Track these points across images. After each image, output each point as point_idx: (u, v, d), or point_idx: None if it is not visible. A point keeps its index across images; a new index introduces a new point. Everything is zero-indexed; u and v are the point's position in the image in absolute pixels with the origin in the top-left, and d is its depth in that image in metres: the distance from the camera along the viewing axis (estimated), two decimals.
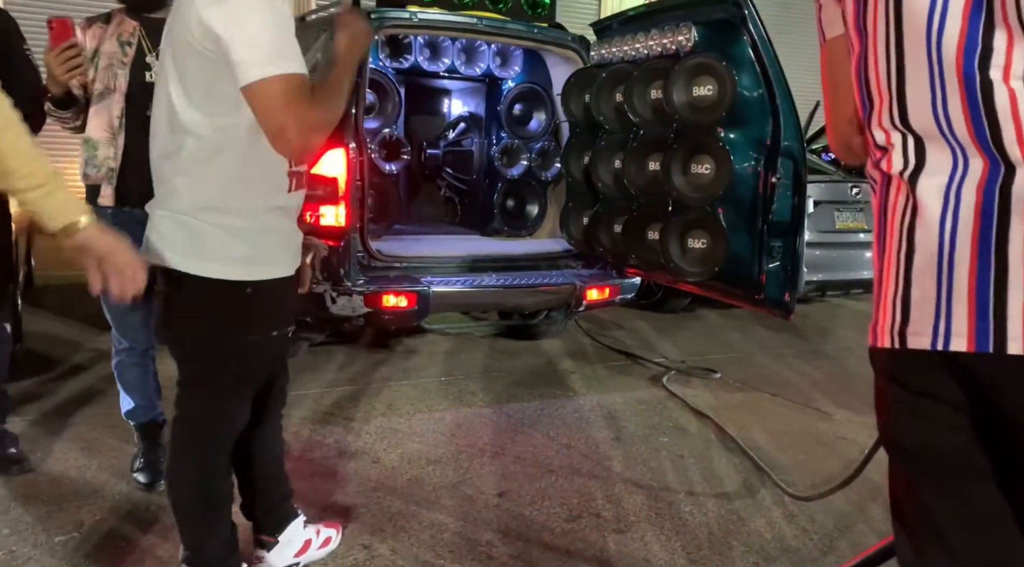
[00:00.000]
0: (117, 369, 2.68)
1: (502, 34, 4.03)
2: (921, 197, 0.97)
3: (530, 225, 4.59)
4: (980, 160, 0.93)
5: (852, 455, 3.18)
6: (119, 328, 2.61)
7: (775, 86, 2.78)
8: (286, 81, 1.49)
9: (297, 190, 1.78)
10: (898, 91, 0.98)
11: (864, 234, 5.76)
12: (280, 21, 1.54)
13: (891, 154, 1.01)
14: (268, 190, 1.70)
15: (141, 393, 2.68)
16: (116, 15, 2.52)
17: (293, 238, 1.84)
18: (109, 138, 2.46)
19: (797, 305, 2.96)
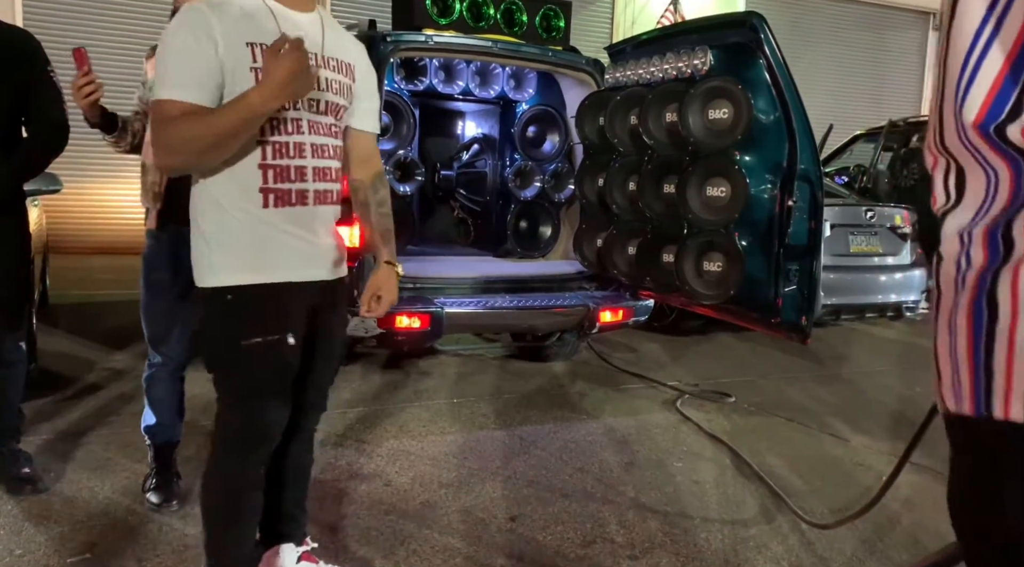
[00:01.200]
0: (147, 382, 2.70)
1: (517, 57, 4.05)
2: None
3: (543, 246, 4.59)
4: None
5: (869, 482, 3.14)
6: (154, 342, 2.65)
7: (791, 109, 2.79)
8: (164, 105, 1.66)
9: (282, 207, 1.76)
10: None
11: (878, 258, 5.73)
12: (188, 48, 1.65)
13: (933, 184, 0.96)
14: (239, 204, 1.75)
15: (165, 411, 2.69)
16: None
17: (287, 247, 1.80)
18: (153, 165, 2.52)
19: (812, 329, 2.94)
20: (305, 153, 1.78)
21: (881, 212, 5.81)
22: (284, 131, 1.76)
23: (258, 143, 1.74)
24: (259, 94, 1.63)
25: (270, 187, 1.75)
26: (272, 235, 1.78)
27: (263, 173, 1.75)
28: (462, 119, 5.22)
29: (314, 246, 1.85)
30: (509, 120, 4.78)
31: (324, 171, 1.83)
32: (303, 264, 1.84)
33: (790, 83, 2.80)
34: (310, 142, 1.79)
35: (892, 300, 5.71)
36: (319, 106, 1.81)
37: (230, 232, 1.77)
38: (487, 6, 4.00)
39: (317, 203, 1.82)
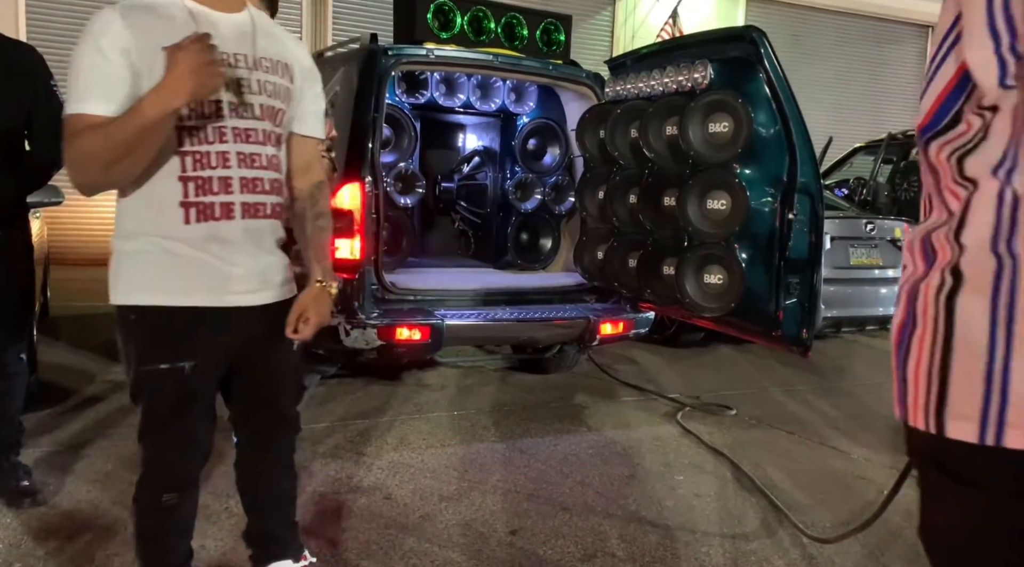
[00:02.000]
0: None
1: (517, 71, 4.08)
2: None
3: (543, 258, 4.59)
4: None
5: (871, 495, 3.13)
6: None
7: (791, 123, 2.80)
8: (71, 120, 1.56)
9: (203, 221, 1.64)
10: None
11: (878, 270, 5.73)
12: (92, 58, 1.56)
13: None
14: (155, 220, 1.65)
15: None
16: None
17: (204, 268, 1.67)
18: None
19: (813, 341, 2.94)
20: (230, 163, 1.64)
21: (881, 225, 5.82)
22: (205, 140, 1.63)
23: (177, 154, 1.62)
24: (153, 97, 1.50)
25: (191, 200, 1.63)
26: (189, 254, 1.65)
27: (183, 186, 1.62)
28: (463, 132, 5.24)
29: (241, 267, 1.70)
30: (510, 133, 4.80)
31: (255, 182, 1.68)
32: (224, 287, 1.70)
33: (790, 97, 2.81)
34: (236, 151, 1.65)
35: (892, 312, 5.69)
36: (251, 111, 1.67)
37: (142, 248, 1.66)
38: (488, 20, 4.02)
39: (246, 217, 1.67)
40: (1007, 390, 0.80)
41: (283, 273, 1.82)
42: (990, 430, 0.81)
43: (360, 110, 3.64)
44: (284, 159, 1.81)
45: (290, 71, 1.77)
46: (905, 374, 0.90)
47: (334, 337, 3.54)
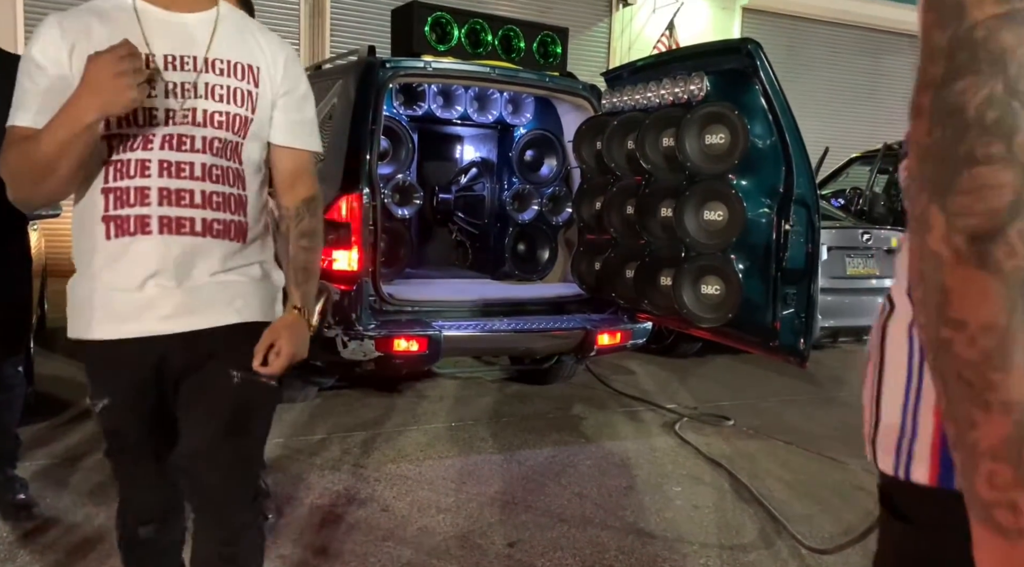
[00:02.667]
0: None
1: (515, 83, 4.09)
2: None
3: (541, 269, 4.60)
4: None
5: (869, 506, 3.12)
6: None
7: (787, 134, 2.81)
8: (8, 132, 1.44)
9: (120, 237, 1.45)
10: None
11: (875, 280, 5.75)
12: (28, 71, 1.44)
13: None
14: (85, 237, 1.50)
15: None
16: None
17: (115, 297, 1.47)
18: None
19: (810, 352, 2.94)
20: (149, 172, 1.44)
21: (877, 235, 5.84)
22: (129, 147, 1.45)
23: (103, 164, 1.45)
24: (63, 112, 1.36)
25: (110, 214, 1.45)
26: (111, 284, 1.46)
27: (104, 198, 1.45)
28: (460, 143, 5.26)
29: (159, 288, 1.47)
30: (507, 144, 4.81)
31: (180, 194, 1.46)
32: (139, 314, 1.47)
33: (786, 108, 2.83)
34: (159, 159, 1.44)
35: None
36: (190, 117, 1.47)
37: (77, 271, 1.53)
38: (485, 33, 4.04)
39: (166, 232, 1.45)
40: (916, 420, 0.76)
41: (229, 292, 1.55)
42: (901, 463, 0.78)
43: (357, 122, 3.65)
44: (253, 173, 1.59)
45: (255, 75, 1.56)
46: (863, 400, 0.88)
47: (332, 349, 3.54)
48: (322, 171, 3.86)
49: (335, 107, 3.93)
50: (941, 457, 0.74)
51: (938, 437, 0.74)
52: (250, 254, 1.58)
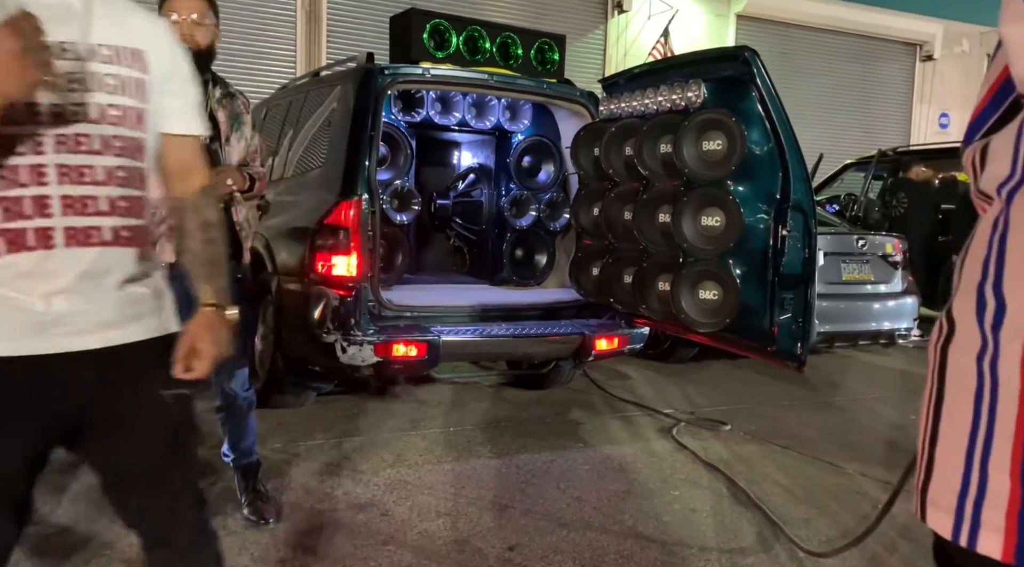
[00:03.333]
0: None
1: (513, 89, 4.12)
2: None
3: (539, 275, 4.62)
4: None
5: (865, 509, 3.14)
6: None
7: (784, 141, 2.83)
8: None
9: (15, 253, 1.28)
10: None
11: (870, 285, 5.78)
12: None
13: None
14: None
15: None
16: None
17: (14, 315, 1.30)
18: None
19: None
20: (47, 178, 1.29)
21: (872, 240, 5.88)
22: (15, 152, 1.28)
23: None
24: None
25: (2, 228, 1.28)
26: (4, 294, 1.29)
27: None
28: (458, 149, 5.28)
29: (65, 304, 1.32)
30: (505, 150, 4.84)
31: (85, 202, 1.32)
32: (36, 332, 1.31)
33: (783, 115, 2.85)
34: (56, 163, 1.29)
35: (885, 327, 5.76)
36: (83, 113, 1.32)
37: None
38: (483, 40, 4.07)
39: (72, 245, 1.32)
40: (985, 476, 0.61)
41: (137, 306, 1.43)
42: (964, 528, 0.64)
43: (356, 129, 3.68)
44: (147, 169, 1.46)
45: (143, 59, 1.40)
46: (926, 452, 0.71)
47: (331, 354, 3.55)
48: (320, 177, 3.89)
49: (334, 113, 3.95)
50: (1020, 527, 0.59)
51: (1018, 502, 0.59)
52: (152, 262, 1.48)
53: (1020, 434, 0.58)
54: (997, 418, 0.59)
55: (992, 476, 0.60)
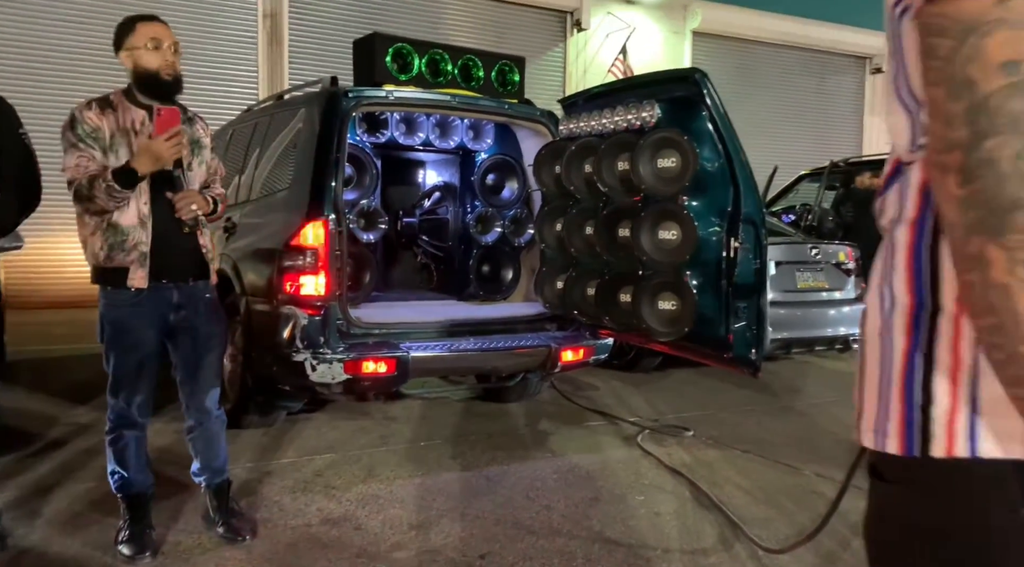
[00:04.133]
0: (112, 437, 2.72)
1: (475, 110, 4.23)
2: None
3: (505, 289, 4.72)
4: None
5: (822, 509, 3.24)
6: (127, 400, 2.66)
7: (734, 158, 2.97)
8: None
9: None
10: None
11: (825, 293, 5.98)
12: None
13: None
14: None
15: (135, 463, 2.72)
16: (118, 101, 2.62)
17: None
18: (138, 224, 2.56)
19: (764, 363, 3.09)
20: None
21: (826, 249, 6.08)
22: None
23: None
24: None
25: None
26: None
27: None
28: (423, 168, 5.37)
29: None
30: (469, 169, 4.94)
31: None
32: None
33: (732, 133, 2.99)
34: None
35: (840, 333, 5.95)
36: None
37: None
38: (445, 62, 4.17)
39: None
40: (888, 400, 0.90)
41: None
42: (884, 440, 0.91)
43: (322, 151, 3.75)
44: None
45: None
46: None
47: (301, 372, 3.60)
48: (287, 198, 3.96)
49: (299, 135, 4.02)
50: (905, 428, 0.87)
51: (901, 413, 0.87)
52: None
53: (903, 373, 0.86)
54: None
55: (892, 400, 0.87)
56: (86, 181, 2.47)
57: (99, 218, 2.56)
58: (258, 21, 9.50)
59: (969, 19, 0.68)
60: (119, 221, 2.55)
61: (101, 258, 2.58)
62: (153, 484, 2.81)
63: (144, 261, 2.57)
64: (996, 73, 0.67)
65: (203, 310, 2.73)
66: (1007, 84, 0.67)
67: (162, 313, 2.63)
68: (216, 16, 9.09)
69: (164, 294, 2.62)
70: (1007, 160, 0.67)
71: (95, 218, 2.57)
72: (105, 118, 2.55)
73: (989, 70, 0.67)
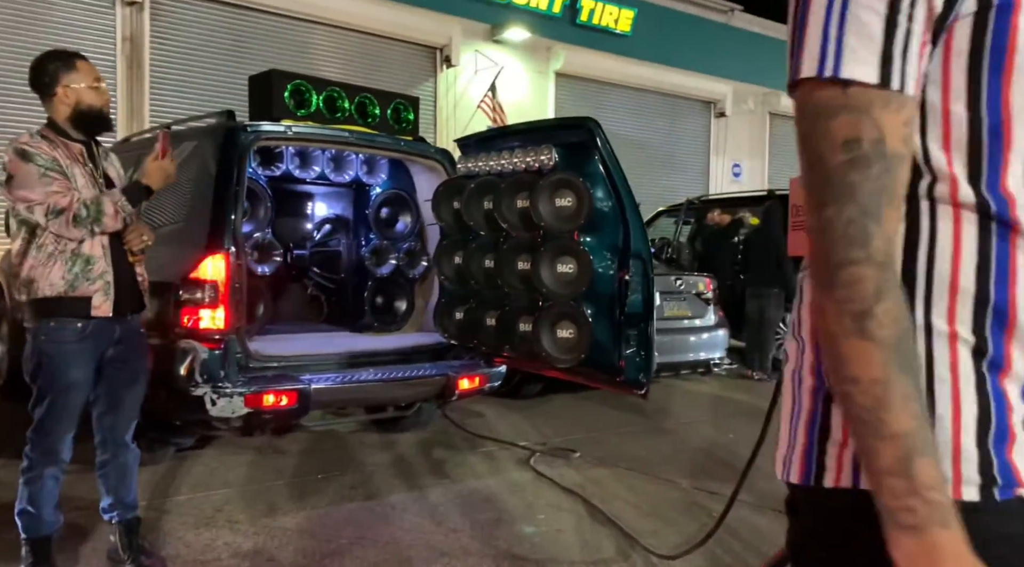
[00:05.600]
0: (28, 476, 2.62)
1: (372, 146, 4.35)
2: None
3: (399, 320, 4.83)
4: None
5: (703, 518, 3.60)
6: (54, 441, 2.60)
7: (624, 199, 3.28)
8: None
9: None
10: None
11: (687, 320, 6.50)
12: None
13: None
14: None
15: (47, 504, 2.64)
16: (52, 137, 2.58)
17: None
18: (102, 253, 2.55)
19: None
20: None
21: (688, 280, 6.61)
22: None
23: None
24: None
25: None
26: None
27: None
28: (317, 201, 5.40)
29: None
30: (363, 202, 5.04)
31: None
32: None
33: (622, 176, 3.29)
34: None
35: (702, 357, 6.49)
36: None
37: None
38: (342, 100, 4.28)
39: None
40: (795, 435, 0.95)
41: None
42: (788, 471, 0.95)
43: (221, 184, 3.75)
44: None
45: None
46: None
47: (200, 407, 3.55)
48: (181, 231, 3.91)
49: (193, 168, 3.99)
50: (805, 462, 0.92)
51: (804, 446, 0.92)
52: None
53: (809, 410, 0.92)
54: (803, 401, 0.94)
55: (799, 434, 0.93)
56: (91, 203, 2.49)
57: (56, 247, 2.53)
58: (116, 44, 9.11)
59: (821, 105, 0.81)
60: (84, 250, 2.54)
61: (62, 287, 2.52)
62: (62, 525, 2.72)
63: (108, 291, 2.56)
64: (839, 150, 0.80)
65: (137, 344, 2.73)
66: (845, 160, 0.80)
67: (103, 348, 2.60)
68: (70, 37, 8.65)
69: (106, 329, 2.59)
70: (840, 224, 0.79)
71: (50, 248, 2.52)
72: (56, 150, 2.53)
73: (834, 147, 0.80)
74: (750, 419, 5.83)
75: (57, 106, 2.55)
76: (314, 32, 10.31)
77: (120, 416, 2.72)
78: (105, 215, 2.50)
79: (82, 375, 2.57)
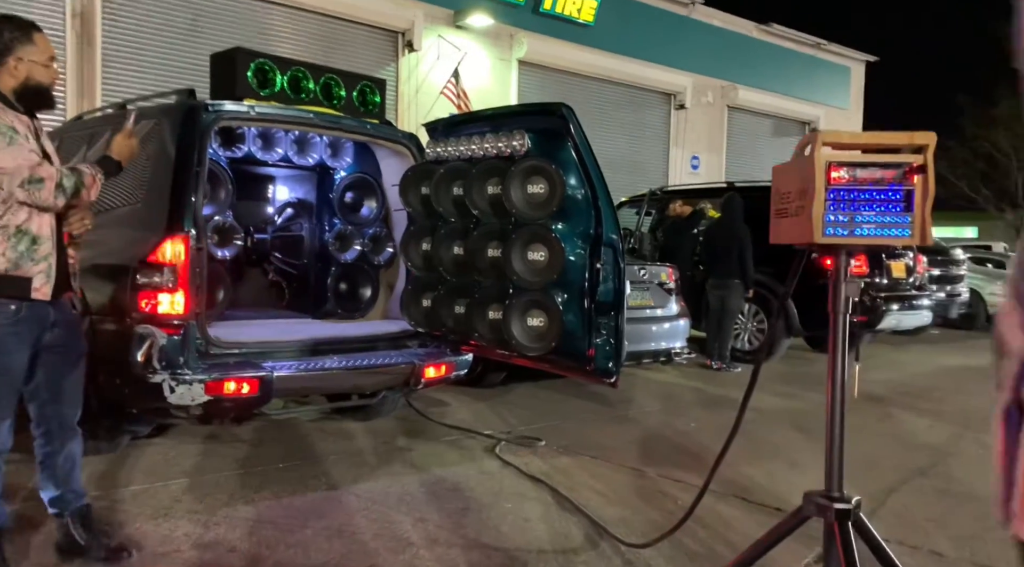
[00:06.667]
0: None
1: (337, 128, 4.26)
2: None
3: (363, 307, 4.75)
4: None
5: (670, 506, 3.62)
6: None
7: (596, 187, 3.26)
8: None
9: None
10: None
11: (650, 310, 6.52)
12: None
13: None
14: None
15: None
16: (3, 105, 2.46)
17: None
18: (50, 235, 2.44)
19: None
20: None
21: (651, 270, 6.64)
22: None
23: None
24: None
25: None
26: None
27: None
28: (279, 184, 5.27)
29: None
30: (327, 186, 4.93)
31: None
32: None
33: (595, 164, 3.27)
34: None
35: (663, 347, 6.52)
36: None
37: None
38: (307, 80, 4.17)
39: None
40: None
41: None
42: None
43: (182, 165, 3.63)
44: None
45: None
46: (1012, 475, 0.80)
47: (158, 395, 3.45)
48: (137, 213, 3.78)
49: (151, 147, 3.85)
50: None
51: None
52: None
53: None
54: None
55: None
56: (72, 172, 2.42)
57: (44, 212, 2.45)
58: (66, 19, 8.79)
59: None
60: (32, 228, 2.42)
61: (2, 265, 2.39)
62: (8, 516, 2.61)
63: (51, 273, 2.45)
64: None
65: (73, 326, 2.62)
66: None
67: (37, 333, 2.48)
68: (16, 10, 8.32)
69: (41, 312, 2.47)
70: None
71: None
72: (16, 120, 2.44)
73: None
74: (710, 408, 5.90)
75: (4, 76, 2.43)
76: (272, 12, 10.08)
77: (64, 403, 2.62)
78: (84, 186, 2.46)
79: (16, 361, 2.46)
